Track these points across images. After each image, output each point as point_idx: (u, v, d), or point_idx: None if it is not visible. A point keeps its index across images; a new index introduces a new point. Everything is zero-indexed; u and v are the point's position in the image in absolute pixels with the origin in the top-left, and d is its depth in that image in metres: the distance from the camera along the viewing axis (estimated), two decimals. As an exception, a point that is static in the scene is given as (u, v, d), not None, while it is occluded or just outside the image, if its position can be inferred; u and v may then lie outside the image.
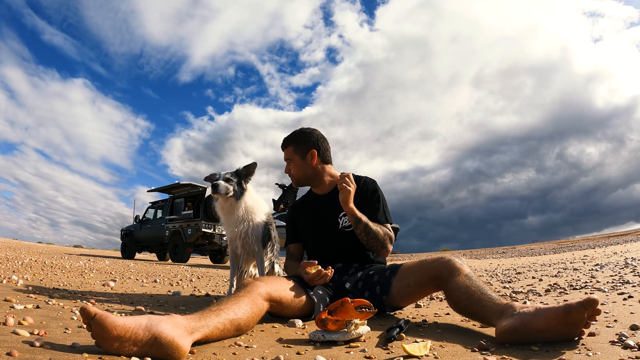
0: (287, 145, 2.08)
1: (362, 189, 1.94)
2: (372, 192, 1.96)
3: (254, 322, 1.34)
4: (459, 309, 1.47)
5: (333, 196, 1.95)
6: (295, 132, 2.09)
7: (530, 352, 1.06)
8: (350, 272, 1.86)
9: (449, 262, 1.54)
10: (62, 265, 4.94)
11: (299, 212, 2.14)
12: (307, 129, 2.08)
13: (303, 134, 2.06)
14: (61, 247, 24.94)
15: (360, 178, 2.00)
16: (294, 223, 2.16)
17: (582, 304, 1.07)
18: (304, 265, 1.71)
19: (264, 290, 1.42)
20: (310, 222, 2.06)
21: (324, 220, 1.99)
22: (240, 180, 2.26)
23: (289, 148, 2.07)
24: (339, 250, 1.95)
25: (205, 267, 8.35)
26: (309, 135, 2.05)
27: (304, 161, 2.03)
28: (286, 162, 2.09)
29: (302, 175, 2.05)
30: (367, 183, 1.98)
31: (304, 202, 2.17)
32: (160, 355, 1.00)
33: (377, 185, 2.01)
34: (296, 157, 2.04)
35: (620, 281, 2.53)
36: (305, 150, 2.03)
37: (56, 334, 1.20)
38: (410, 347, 1.08)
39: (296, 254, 2.13)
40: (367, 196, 1.94)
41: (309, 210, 2.08)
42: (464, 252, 20.75)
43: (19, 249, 9.96)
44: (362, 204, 1.88)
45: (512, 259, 9.32)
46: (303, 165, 2.03)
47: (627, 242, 11.37)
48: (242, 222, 2.25)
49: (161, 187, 12.55)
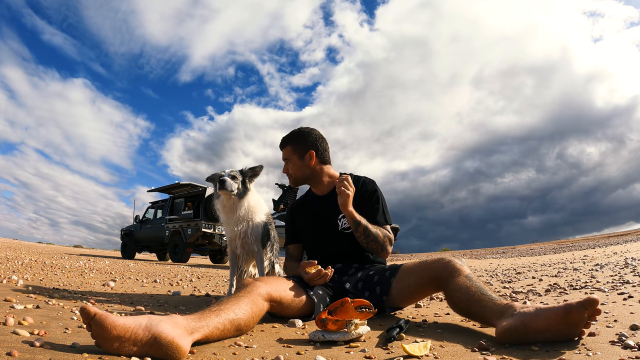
0: (285, 144, 2.06)
1: (361, 190, 1.93)
2: (371, 193, 1.94)
3: (254, 322, 1.34)
4: (459, 309, 1.47)
5: (332, 197, 1.93)
6: (293, 132, 2.07)
7: (530, 352, 1.06)
8: (350, 273, 1.86)
9: (449, 263, 1.54)
10: (62, 265, 4.94)
11: (298, 213, 2.13)
12: (305, 129, 2.06)
13: (301, 133, 2.04)
14: (61, 247, 24.94)
15: (359, 178, 2.00)
16: (293, 223, 2.15)
17: (582, 303, 1.07)
18: (303, 265, 1.71)
19: (264, 291, 1.42)
20: (309, 223, 2.05)
21: (323, 221, 1.98)
22: (244, 180, 2.26)
23: (287, 148, 2.05)
24: (339, 252, 1.94)
25: (205, 267, 8.34)
26: (307, 135, 2.03)
27: (302, 161, 2.01)
28: (284, 161, 2.08)
29: (300, 175, 2.04)
30: (366, 184, 1.97)
31: (303, 202, 2.16)
32: (160, 355, 1.00)
33: (376, 185, 1.99)
34: (294, 157, 2.02)
35: (620, 281, 2.53)
36: (304, 150, 2.01)
37: (56, 334, 1.20)
38: (410, 347, 1.08)
39: (296, 254, 2.13)
40: (366, 197, 1.93)
41: (309, 210, 2.07)
42: (464, 252, 20.76)
43: (19, 249, 9.96)
44: (361, 205, 1.87)
45: (512, 259, 9.32)
46: (301, 166, 2.02)
47: (627, 242, 11.37)
48: (242, 221, 2.25)
49: (161, 187, 12.55)
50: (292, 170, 2.05)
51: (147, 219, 12.55)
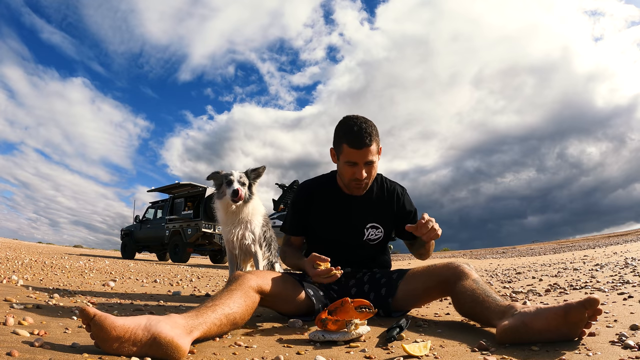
0: (372, 140, 1.60)
1: (399, 201, 1.84)
2: (412, 206, 1.88)
3: (249, 315, 1.35)
4: (464, 311, 1.46)
5: (362, 200, 1.79)
6: (368, 122, 1.63)
7: (530, 352, 1.06)
8: (357, 276, 1.81)
9: (457, 267, 1.53)
10: (62, 265, 4.94)
11: (314, 204, 1.84)
12: (368, 119, 1.66)
13: (374, 125, 1.64)
14: (61, 247, 24.94)
15: (393, 186, 1.86)
16: (304, 213, 1.86)
17: (582, 303, 1.07)
18: (314, 258, 1.56)
19: (255, 283, 1.42)
20: (330, 225, 1.83)
21: (348, 227, 1.81)
22: (250, 183, 2.25)
23: (374, 144, 1.61)
24: (358, 261, 1.86)
25: (205, 267, 8.34)
26: (376, 126, 1.65)
27: (378, 160, 1.69)
28: (363, 164, 1.63)
29: (374, 179, 1.74)
30: (404, 193, 1.88)
31: (323, 192, 1.83)
32: (160, 355, 1.00)
33: (409, 195, 1.90)
34: (377, 156, 1.67)
35: (620, 281, 2.53)
36: (379, 144, 1.66)
37: (56, 334, 1.20)
38: (410, 347, 1.08)
39: (296, 244, 1.96)
40: (407, 211, 1.85)
41: (331, 208, 1.82)
42: (464, 252, 20.75)
43: (19, 249, 9.96)
44: (399, 216, 1.83)
45: (512, 259, 9.32)
46: (377, 166, 1.71)
47: (627, 242, 11.36)
48: (241, 223, 2.25)
49: (161, 187, 12.57)
50: (374, 172, 1.71)
51: (147, 219, 12.55)
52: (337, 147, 1.69)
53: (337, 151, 1.70)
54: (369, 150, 1.60)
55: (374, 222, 1.83)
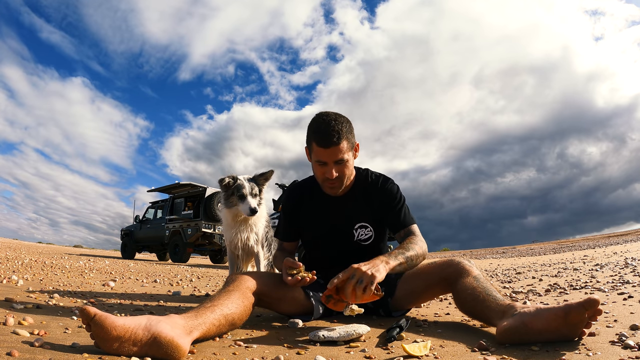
0: (341, 138, 1.53)
1: (383, 191, 1.73)
2: (394, 194, 1.72)
3: (247, 315, 1.35)
4: (465, 309, 1.46)
5: (346, 200, 1.74)
6: (339, 119, 1.56)
7: (530, 352, 1.06)
8: None
9: (458, 264, 1.52)
10: (62, 265, 4.94)
11: (301, 209, 1.81)
12: (340, 115, 1.59)
13: (347, 120, 1.58)
14: (61, 247, 24.94)
15: (379, 177, 1.77)
16: (294, 218, 1.83)
17: (582, 304, 1.07)
18: (287, 263, 1.51)
19: (252, 284, 1.43)
20: (318, 229, 1.79)
21: (336, 230, 1.76)
22: (259, 189, 2.22)
23: (343, 142, 1.54)
24: (356, 263, 1.83)
25: (205, 267, 8.34)
26: (350, 122, 1.59)
27: (353, 158, 1.63)
28: (334, 164, 1.57)
29: (349, 178, 1.66)
30: (386, 184, 1.75)
31: (311, 196, 1.79)
32: (160, 355, 1.00)
33: (395, 185, 1.76)
34: (350, 154, 1.60)
35: (620, 281, 2.53)
36: (353, 142, 1.61)
37: (56, 334, 1.20)
38: (410, 347, 1.08)
39: (289, 249, 1.91)
40: (389, 199, 1.72)
41: (317, 212, 1.78)
42: (464, 252, 20.76)
43: (19, 249, 9.96)
44: (381, 207, 1.73)
45: (512, 259, 9.31)
46: (352, 165, 1.64)
47: (627, 242, 11.36)
48: (247, 227, 2.26)
49: (161, 187, 12.56)
50: (348, 171, 1.62)
51: (147, 219, 12.55)
52: (309, 145, 1.64)
53: (309, 150, 1.65)
54: (337, 148, 1.53)
55: (362, 222, 1.75)
